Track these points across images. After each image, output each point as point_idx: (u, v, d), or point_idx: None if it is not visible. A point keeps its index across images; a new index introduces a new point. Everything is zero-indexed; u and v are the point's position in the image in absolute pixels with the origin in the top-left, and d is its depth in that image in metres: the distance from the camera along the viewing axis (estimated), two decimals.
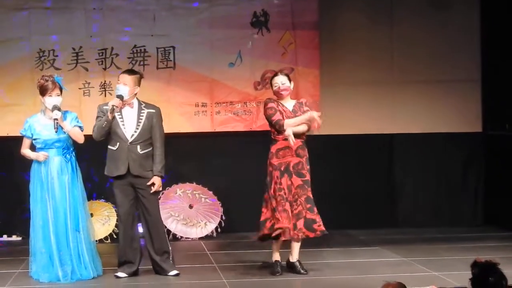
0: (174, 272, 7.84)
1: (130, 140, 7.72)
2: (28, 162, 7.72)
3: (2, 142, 10.19)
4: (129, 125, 7.74)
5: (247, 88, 10.57)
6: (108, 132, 7.72)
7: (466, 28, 10.97)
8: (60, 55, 10.28)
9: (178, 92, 10.36)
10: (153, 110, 7.86)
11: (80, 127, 7.81)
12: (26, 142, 7.87)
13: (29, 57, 10.24)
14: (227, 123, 10.56)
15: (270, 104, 7.87)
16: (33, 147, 7.87)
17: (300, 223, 7.72)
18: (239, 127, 10.58)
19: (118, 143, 7.72)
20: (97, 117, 7.81)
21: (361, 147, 10.84)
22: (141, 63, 10.38)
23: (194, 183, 10.44)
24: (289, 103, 7.95)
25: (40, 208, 7.71)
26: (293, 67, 10.54)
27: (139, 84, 7.84)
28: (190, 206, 10.36)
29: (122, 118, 7.74)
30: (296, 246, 7.88)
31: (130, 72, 7.98)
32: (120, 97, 7.69)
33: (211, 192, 10.46)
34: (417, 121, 10.93)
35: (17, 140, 10.06)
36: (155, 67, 10.42)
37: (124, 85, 7.71)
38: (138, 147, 7.73)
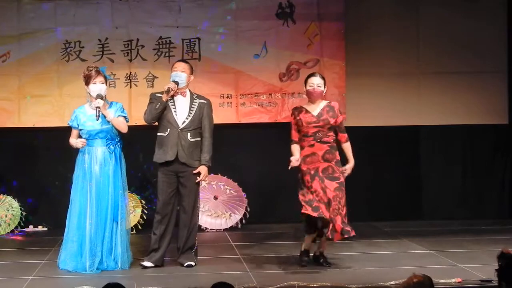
0: (187, 263, 7.83)
1: (181, 126, 7.78)
2: (55, 153, 7.76)
3: (28, 133, 10.24)
4: (181, 112, 7.82)
5: (272, 80, 10.55)
6: (159, 116, 7.80)
7: (492, 19, 10.90)
8: (86, 47, 10.32)
9: (203, 83, 10.31)
10: (205, 101, 7.98)
11: (124, 117, 7.86)
12: (73, 133, 7.90)
13: (55, 48, 10.27)
14: (252, 114, 10.56)
15: (292, 118, 7.87)
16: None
17: (339, 226, 7.54)
18: (264, 118, 10.57)
19: (168, 129, 7.78)
20: (149, 103, 7.88)
21: (386, 139, 10.81)
22: (167, 54, 10.39)
23: (219, 175, 10.44)
24: (317, 106, 7.82)
25: (79, 197, 7.73)
26: (319, 58, 10.52)
27: (192, 73, 7.97)
28: (215, 198, 10.38)
29: (174, 105, 7.83)
30: (324, 240, 7.87)
31: (185, 61, 8.20)
32: (176, 82, 7.79)
33: (236, 184, 10.46)
34: (442, 113, 10.87)
35: (43, 131, 10.18)
36: (180, 59, 10.41)
37: (182, 72, 7.84)
38: (188, 134, 7.79)
